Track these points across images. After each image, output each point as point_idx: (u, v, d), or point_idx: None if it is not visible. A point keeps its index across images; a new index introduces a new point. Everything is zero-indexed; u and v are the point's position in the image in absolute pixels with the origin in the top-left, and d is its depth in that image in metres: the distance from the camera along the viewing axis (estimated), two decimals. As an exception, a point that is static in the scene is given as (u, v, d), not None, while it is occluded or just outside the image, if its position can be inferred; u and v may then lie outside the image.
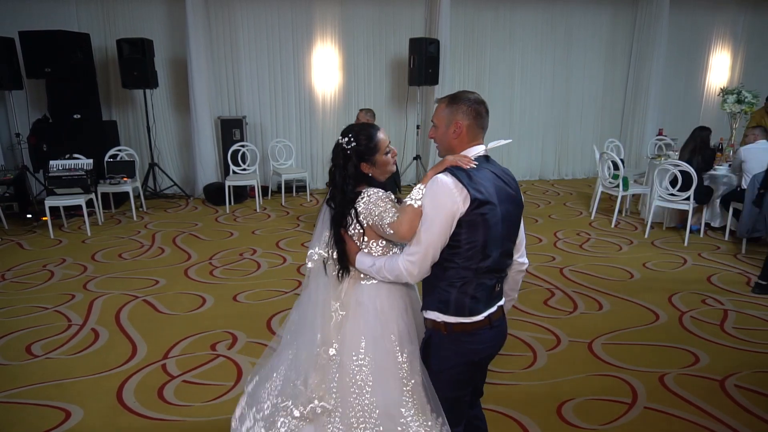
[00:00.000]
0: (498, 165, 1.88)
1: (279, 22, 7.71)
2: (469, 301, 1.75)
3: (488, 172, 1.77)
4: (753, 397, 3.02)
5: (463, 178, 1.69)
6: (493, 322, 1.82)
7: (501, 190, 1.77)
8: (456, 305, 1.76)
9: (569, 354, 3.48)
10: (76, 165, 5.96)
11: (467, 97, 1.85)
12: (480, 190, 1.70)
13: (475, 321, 1.77)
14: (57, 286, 4.56)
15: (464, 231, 1.71)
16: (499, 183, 1.78)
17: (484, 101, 1.88)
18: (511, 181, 1.85)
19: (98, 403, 2.96)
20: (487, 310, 1.80)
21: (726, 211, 5.75)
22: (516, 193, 1.84)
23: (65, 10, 7.05)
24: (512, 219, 1.81)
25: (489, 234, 1.72)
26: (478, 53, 8.56)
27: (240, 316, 3.99)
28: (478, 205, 1.69)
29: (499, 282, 1.85)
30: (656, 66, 8.79)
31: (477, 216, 1.69)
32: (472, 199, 1.68)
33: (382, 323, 1.89)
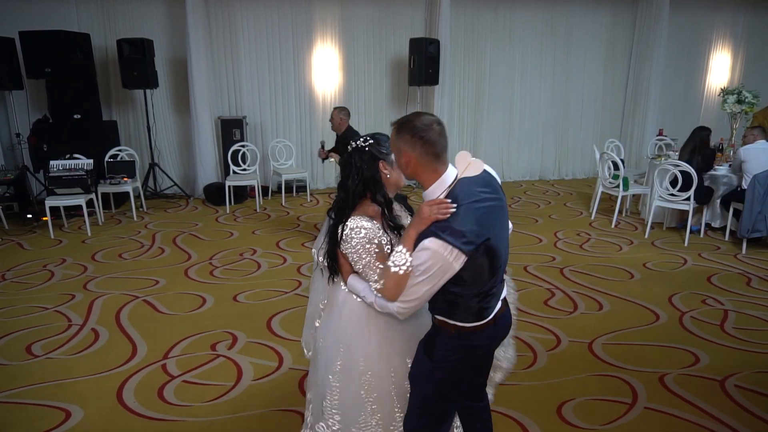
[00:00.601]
0: (476, 178, 1.71)
1: (279, 22, 7.71)
2: (476, 311, 1.78)
3: (470, 205, 1.64)
4: (753, 398, 3.01)
5: (449, 238, 1.59)
6: (498, 320, 1.86)
7: (488, 214, 1.68)
8: (464, 314, 1.78)
9: (569, 354, 3.48)
10: (76, 165, 5.96)
11: (412, 124, 1.66)
12: (471, 239, 1.61)
13: (483, 323, 1.81)
14: (57, 286, 4.56)
15: (466, 271, 1.66)
16: (483, 207, 1.66)
17: (435, 121, 1.68)
18: (492, 189, 1.73)
19: (98, 403, 2.96)
20: (494, 312, 1.84)
21: (726, 211, 5.75)
22: (499, 199, 1.77)
23: (65, 10, 7.05)
24: (505, 236, 1.83)
25: (493, 262, 1.72)
26: (478, 53, 8.56)
27: (240, 316, 3.99)
28: (476, 251, 1.63)
29: (503, 282, 1.90)
30: (656, 66, 8.79)
31: (477, 257, 1.65)
32: (467, 255, 1.62)
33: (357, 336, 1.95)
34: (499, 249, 1.73)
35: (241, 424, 2.79)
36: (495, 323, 1.85)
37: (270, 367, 3.32)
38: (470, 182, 1.69)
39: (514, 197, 7.83)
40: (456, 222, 1.61)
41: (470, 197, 1.65)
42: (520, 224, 6.42)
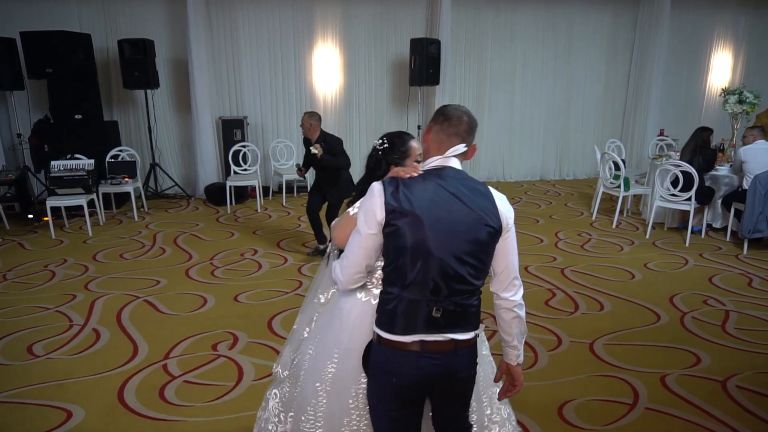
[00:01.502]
0: (465, 180, 1.68)
1: (280, 22, 7.71)
2: (398, 318, 1.63)
3: (433, 184, 1.63)
4: (754, 398, 3.01)
5: (388, 187, 1.62)
6: (426, 352, 1.63)
7: (440, 204, 1.60)
8: (385, 319, 1.66)
9: (570, 354, 3.48)
10: (77, 165, 5.97)
11: (450, 105, 1.75)
12: (401, 200, 1.59)
13: (400, 341, 1.63)
14: (58, 286, 4.57)
15: (387, 243, 1.63)
16: (442, 197, 1.61)
17: (467, 112, 1.72)
18: (471, 198, 1.63)
19: (99, 403, 2.96)
20: (419, 335, 1.62)
21: (727, 211, 5.74)
22: (471, 211, 1.62)
23: (66, 11, 7.06)
24: (454, 238, 1.60)
25: (408, 248, 1.59)
26: (479, 53, 8.56)
27: (241, 317, 3.99)
28: (395, 215, 1.59)
29: (440, 308, 1.62)
30: (657, 66, 8.78)
31: (394, 227, 1.59)
32: (387, 209, 1.59)
33: (348, 337, 1.86)
34: (420, 240, 1.58)
35: (241, 424, 2.79)
36: (420, 353, 1.62)
37: (271, 367, 3.29)
38: (457, 175, 1.67)
39: (515, 197, 7.83)
40: (409, 182, 1.63)
41: (438, 179, 1.65)
42: (520, 224, 6.42)
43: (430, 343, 1.63)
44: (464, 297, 1.65)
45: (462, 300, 1.65)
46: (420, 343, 1.63)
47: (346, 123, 8.30)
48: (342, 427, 1.89)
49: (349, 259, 1.71)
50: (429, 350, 1.63)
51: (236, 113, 7.82)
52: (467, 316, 1.67)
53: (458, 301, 1.64)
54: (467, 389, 1.80)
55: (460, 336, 1.66)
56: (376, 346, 1.71)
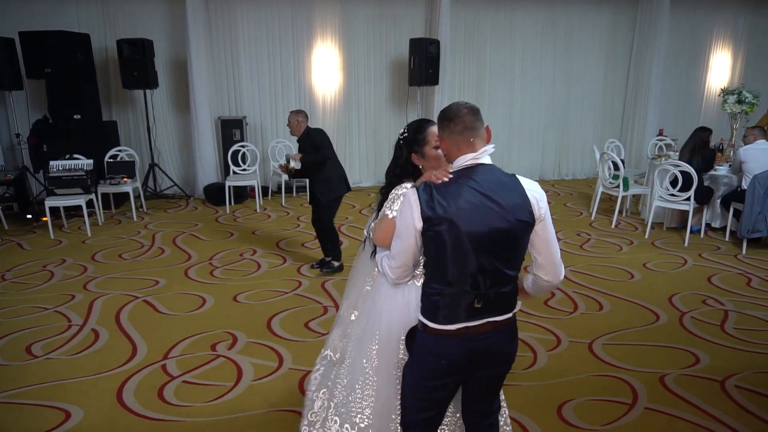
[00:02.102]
0: (495, 176, 1.75)
1: (279, 22, 7.71)
2: (441, 311, 1.75)
3: (465, 187, 1.70)
4: (754, 398, 3.01)
5: (423, 195, 1.71)
6: (471, 335, 1.74)
7: (473, 208, 1.68)
8: (429, 310, 1.78)
9: (570, 354, 3.48)
10: (76, 165, 5.96)
11: (443, 111, 1.80)
12: (436, 208, 1.67)
13: (447, 329, 1.74)
14: (57, 286, 4.56)
15: (427, 245, 1.75)
16: (475, 199, 1.68)
17: (464, 105, 1.77)
18: (502, 195, 1.70)
19: (98, 403, 2.95)
20: (464, 323, 1.74)
21: (726, 211, 5.75)
22: (503, 210, 1.69)
23: (65, 11, 7.05)
24: (491, 236, 1.68)
25: (447, 251, 1.69)
26: (478, 53, 8.56)
27: (240, 317, 3.99)
28: (432, 223, 1.68)
29: (481, 299, 1.72)
30: (656, 66, 8.78)
31: (433, 233, 1.70)
32: (424, 218, 1.69)
33: (388, 319, 1.97)
34: (458, 244, 1.68)
35: (241, 424, 2.79)
36: (465, 336, 1.74)
37: (270, 367, 3.31)
38: (487, 173, 1.75)
39: (514, 197, 7.82)
40: (442, 187, 1.71)
41: (469, 180, 1.72)
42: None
43: (473, 328, 1.74)
44: (503, 286, 1.76)
45: (501, 288, 1.76)
46: (464, 329, 1.74)
47: (346, 123, 8.30)
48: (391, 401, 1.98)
49: (396, 260, 1.82)
50: (472, 333, 1.75)
51: (235, 113, 7.81)
52: (506, 300, 1.79)
53: (497, 291, 1.75)
54: (508, 364, 1.89)
55: (500, 318, 1.78)
56: (422, 333, 1.81)
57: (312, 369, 2.37)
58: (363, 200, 7.55)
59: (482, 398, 1.94)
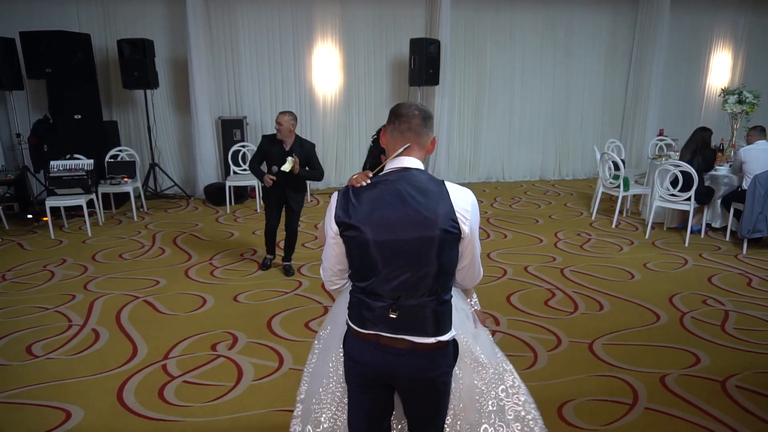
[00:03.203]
0: (419, 181, 1.65)
1: (279, 22, 7.71)
2: (356, 311, 1.72)
3: (384, 193, 1.63)
4: (754, 398, 3.01)
5: (341, 199, 1.68)
6: (383, 346, 1.68)
7: (386, 215, 1.61)
8: (351, 310, 1.76)
9: (570, 354, 3.48)
10: (76, 165, 5.97)
11: (401, 103, 1.77)
12: (349, 212, 1.63)
13: (360, 331, 1.71)
14: (57, 286, 4.56)
15: (346, 249, 1.69)
16: (390, 206, 1.61)
17: (416, 107, 1.72)
18: (420, 201, 1.61)
19: (99, 403, 2.96)
20: (377, 331, 1.68)
21: (727, 211, 5.75)
22: (421, 217, 1.59)
23: (66, 11, 7.06)
24: (404, 245, 1.60)
25: (358, 256, 1.66)
26: (478, 54, 8.56)
27: (240, 317, 3.99)
28: (345, 227, 1.64)
29: (395, 310, 1.64)
30: (657, 66, 8.78)
31: (345, 237, 1.66)
32: (337, 222, 1.66)
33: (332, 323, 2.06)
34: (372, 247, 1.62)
35: (241, 424, 2.79)
36: (377, 344, 1.69)
37: (270, 367, 3.31)
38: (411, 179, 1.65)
39: (514, 197, 7.83)
40: (361, 192, 1.66)
41: (387, 185, 1.65)
42: (520, 224, 6.42)
43: (385, 338, 1.68)
44: (421, 301, 1.65)
45: (418, 303, 1.65)
46: (376, 335, 1.69)
47: (346, 123, 8.30)
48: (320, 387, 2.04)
49: (324, 262, 1.78)
50: (385, 344, 1.69)
51: (236, 113, 7.82)
52: (425, 320, 1.66)
53: (413, 305, 1.65)
54: (435, 392, 1.77)
55: (418, 339, 1.66)
56: (347, 335, 1.80)
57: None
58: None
59: (417, 427, 1.86)
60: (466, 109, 8.74)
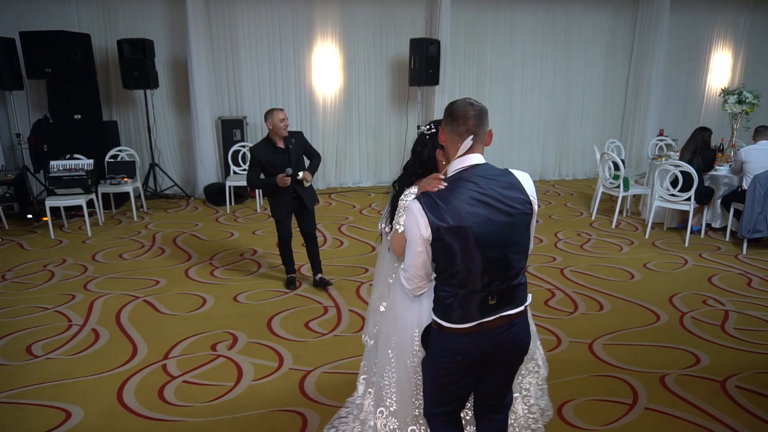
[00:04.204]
0: (494, 175, 1.77)
1: (279, 22, 7.71)
2: (455, 311, 1.77)
3: (466, 191, 1.71)
4: (754, 398, 3.01)
5: (426, 205, 1.71)
6: (485, 330, 1.78)
7: (479, 211, 1.69)
8: (444, 312, 1.80)
9: (570, 354, 3.48)
10: (76, 165, 5.97)
11: (450, 105, 1.81)
12: (442, 215, 1.68)
13: (461, 328, 1.77)
14: (57, 286, 4.56)
15: (437, 253, 1.75)
16: (479, 202, 1.70)
17: (469, 103, 1.78)
18: (505, 194, 1.73)
19: (99, 403, 2.96)
20: (479, 320, 1.77)
21: (727, 211, 5.74)
22: (505, 206, 1.72)
23: (66, 11, 7.06)
24: (498, 234, 1.72)
25: (458, 257, 1.71)
26: (478, 53, 8.56)
27: (240, 317, 3.99)
28: (441, 232, 1.70)
29: (495, 295, 1.76)
30: (657, 66, 8.78)
31: (441, 241, 1.71)
32: (432, 228, 1.70)
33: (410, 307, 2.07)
34: (470, 248, 1.69)
35: (241, 424, 2.79)
36: (480, 332, 1.77)
37: (270, 367, 3.32)
38: (484, 173, 1.76)
39: (514, 197, 7.82)
40: (443, 195, 1.72)
41: (469, 184, 1.73)
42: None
43: (487, 323, 1.78)
44: (513, 279, 1.80)
45: (512, 282, 1.80)
46: (478, 326, 1.77)
47: (346, 123, 8.30)
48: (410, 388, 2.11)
49: (409, 271, 1.84)
50: (487, 329, 1.78)
51: (236, 113, 7.82)
52: (518, 293, 1.83)
53: (509, 284, 1.79)
54: (522, 356, 1.94)
55: (513, 311, 1.81)
56: (436, 331, 1.85)
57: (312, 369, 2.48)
58: (363, 200, 7.55)
59: (495, 392, 1.98)
60: (466, 109, 8.72)
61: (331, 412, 2.73)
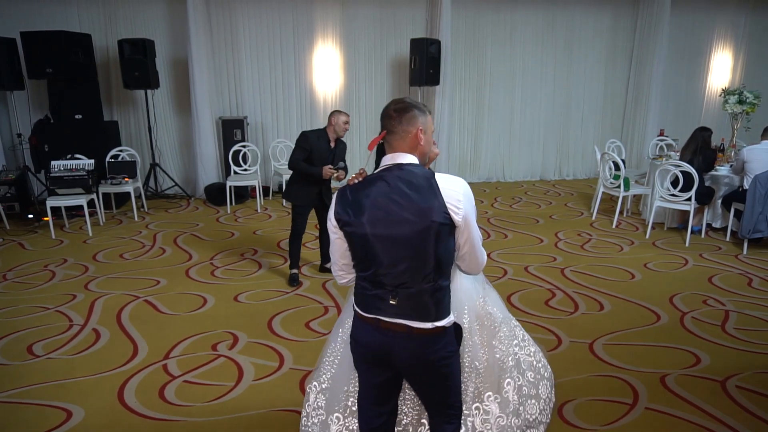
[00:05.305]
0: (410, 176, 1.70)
1: (280, 22, 7.72)
2: (361, 297, 1.82)
3: (375, 189, 1.71)
4: (754, 398, 3.01)
5: (339, 196, 1.77)
6: (383, 329, 1.77)
7: (378, 210, 1.68)
8: (357, 296, 1.85)
9: (570, 354, 3.48)
10: (77, 165, 5.97)
11: None
12: (346, 208, 1.73)
13: (363, 315, 1.82)
14: (58, 286, 4.57)
15: (347, 243, 1.79)
16: (382, 201, 1.69)
17: (394, 104, 1.78)
18: (411, 195, 1.67)
19: (99, 403, 2.96)
20: (377, 315, 1.77)
21: (727, 211, 5.74)
22: (409, 210, 1.66)
23: (67, 11, 7.07)
24: (396, 238, 1.67)
25: (358, 248, 1.76)
26: (479, 54, 8.56)
27: (241, 316, 3.99)
28: (343, 223, 1.75)
29: (394, 296, 1.72)
30: (657, 66, 8.78)
31: (344, 232, 1.76)
32: (336, 219, 1.76)
33: None
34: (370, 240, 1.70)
35: (241, 424, 2.79)
36: (378, 328, 1.77)
37: (271, 367, 3.32)
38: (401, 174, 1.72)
39: (515, 197, 7.83)
40: (357, 189, 1.75)
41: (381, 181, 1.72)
42: (521, 224, 6.42)
43: (385, 322, 1.77)
44: (421, 288, 1.72)
45: (418, 290, 1.72)
46: (375, 319, 1.79)
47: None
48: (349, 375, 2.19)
49: (331, 258, 1.89)
50: (385, 328, 1.78)
51: (236, 113, 7.82)
52: (424, 306, 1.74)
53: (413, 292, 1.72)
54: (437, 373, 1.83)
55: (415, 324, 1.74)
56: (354, 318, 1.90)
57: (312, 369, 2.48)
58: (364, 200, 7.54)
59: (430, 405, 1.96)
60: (467, 109, 8.75)
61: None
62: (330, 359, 2.29)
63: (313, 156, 4.38)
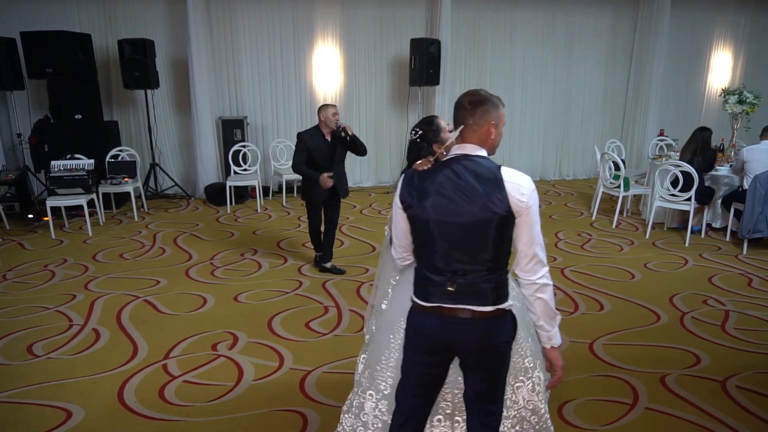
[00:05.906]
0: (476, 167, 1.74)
1: (280, 22, 7.72)
2: (422, 288, 1.84)
3: (441, 176, 1.75)
4: (754, 398, 3.01)
5: (405, 180, 1.83)
6: (445, 316, 1.79)
7: (442, 197, 1.73)
8: (416, 286, 1.87)
9: (570, 354, 3.48)
10: (77, 165, 5.97)
11: None
12: (411, 192, 1.79)
13: (425, 305, 1.82)
14: (58, 286, 4.57)
15: (410, 227, 1.85)
16: (446, 189, 1.73)
17: (469, 91, 1.84)
18: (475, 185, 1.71)
19: (99, 403, 2.96)
20: (438, 303, 1.80)
21: (727, 211, 5.74)
22: (473, 200, 1.70)
23: (67, 11, 7.07)
24: (458, 225, 1.72)
25: (419, 234, 1.81)
26: (479, 54, 8.56)
27: (241, 316, 3.99)
28: (407, 206, 1.80)
29: (453, 283, 1.76)
30: (657, 66, 8.78)
31: (408, 215, 1.82)
32: (401, 201, 1.82)
33: None
34: (431, 226, 1.76)
35: (241, 424, 2.79)
36: (440, 316, 1.79)
37: (271, 367, 3.32)
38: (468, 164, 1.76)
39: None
40: (418, 174, 1.80)
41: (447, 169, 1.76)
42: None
43: (446, 309, 1.79)
44: (475, 275, 1.76)
45: (474, 278, 1.76)
46: (438, 308, 1.80)
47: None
48: None
49: (394, 241, 1.94)
50: (447, 314, 1.79)
51: (236, 113, 7.82)
52: (483, 292, 1.77)
53: (471, 280, 1.76)
54: (497, 359, 1.85)
55: (477, 308, 1.77)
56: (412, 309, 1.91)
57: (312, 369, 2.54)
58: (363, 200, 7.55)
59: (477, 395, 1.93)
60: (467, 109, 8.73)
61: (332, 412, 2.73)
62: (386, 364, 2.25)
63: (313, 154, 4.50)
